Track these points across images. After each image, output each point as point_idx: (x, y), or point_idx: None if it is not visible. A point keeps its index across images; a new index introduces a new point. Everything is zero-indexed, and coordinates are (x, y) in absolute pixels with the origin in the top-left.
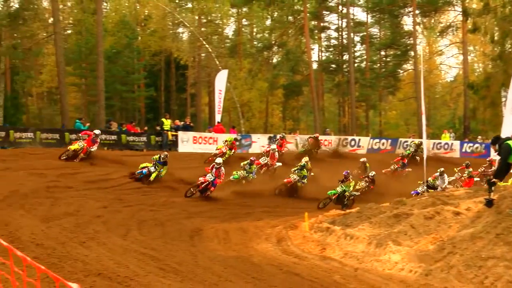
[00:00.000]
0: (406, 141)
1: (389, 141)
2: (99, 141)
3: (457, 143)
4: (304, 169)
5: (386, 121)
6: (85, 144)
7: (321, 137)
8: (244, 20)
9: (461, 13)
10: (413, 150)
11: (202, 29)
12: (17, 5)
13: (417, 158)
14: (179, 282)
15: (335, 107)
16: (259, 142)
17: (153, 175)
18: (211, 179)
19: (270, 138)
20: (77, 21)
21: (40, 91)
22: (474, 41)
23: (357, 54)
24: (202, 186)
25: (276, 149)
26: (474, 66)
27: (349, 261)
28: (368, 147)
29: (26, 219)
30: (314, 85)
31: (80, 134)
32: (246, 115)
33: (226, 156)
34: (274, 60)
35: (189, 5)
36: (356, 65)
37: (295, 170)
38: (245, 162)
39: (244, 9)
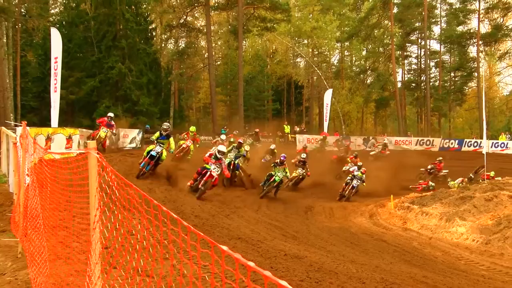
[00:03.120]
0: (470, 141)
1: (456, 141)
2: (113, 123)
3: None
4: (242, 148)
5: (454, 126)
6: (108, 130)
7: (402, 139)
8: (346, 51)
9: None
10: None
11: (315, 58)
12: (183, 45)
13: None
14: (296, 245)
15: (415, 116)
16: (356, 142)
17: (164, 155)
18: (218, 173)
19: (364, 139)
20: (224, 55)
21: (198, 106)
22: None
23: (432, 75)
24: (213, 183)
25: (224, 139)
26: None
27: (424, 232)
28: (440, 146)
29: (188, 197)
30: (399, 99)
31: (97, 122)
32: (346, 122)
33: (191, 152)
34: (368, 81)
35: (305, 41)
36: (431, 83)
37: (231, 149)
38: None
39: (346, 43)
